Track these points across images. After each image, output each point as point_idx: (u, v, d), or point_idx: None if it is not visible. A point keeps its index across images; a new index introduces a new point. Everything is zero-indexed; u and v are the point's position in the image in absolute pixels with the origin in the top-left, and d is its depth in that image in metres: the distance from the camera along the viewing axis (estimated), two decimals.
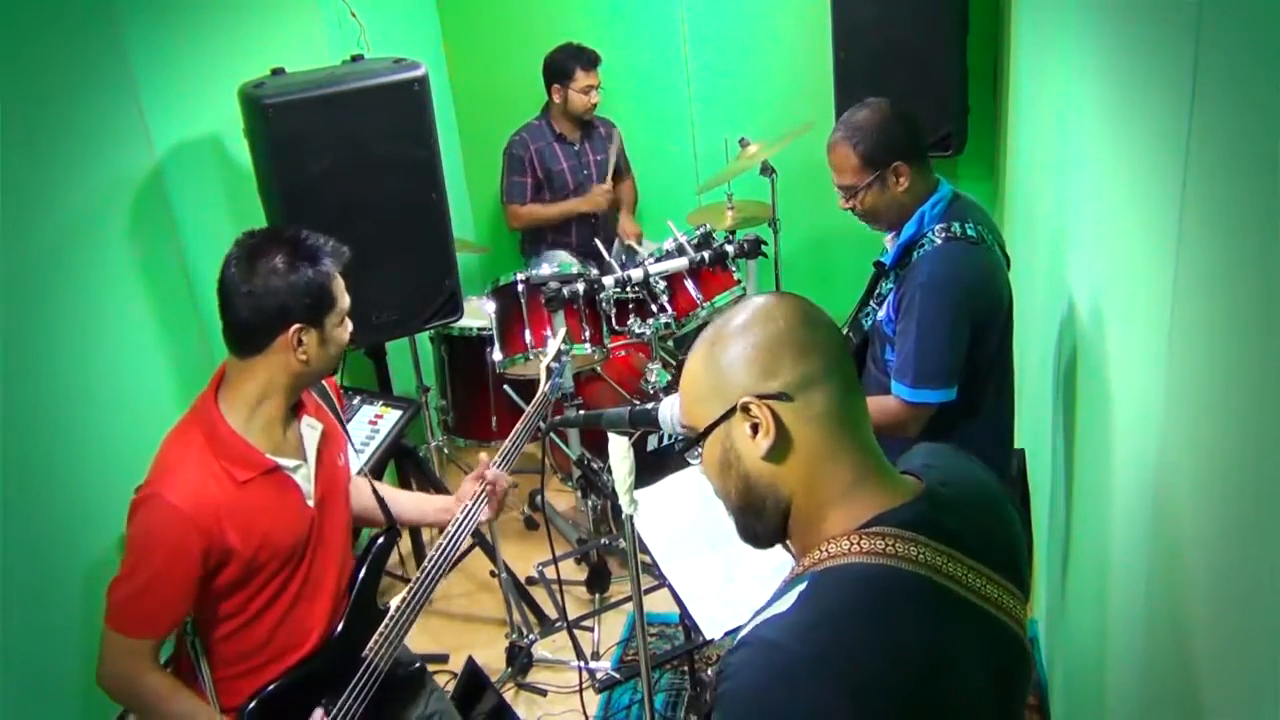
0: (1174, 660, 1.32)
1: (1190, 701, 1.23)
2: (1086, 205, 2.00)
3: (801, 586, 1.12)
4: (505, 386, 3.61)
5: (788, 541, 1.23)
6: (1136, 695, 1.56)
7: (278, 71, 2.91)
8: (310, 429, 1.98)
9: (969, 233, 2.21)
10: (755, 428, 1.14)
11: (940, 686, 1.09)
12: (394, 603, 2.06)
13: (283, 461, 1.89)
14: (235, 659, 1.92)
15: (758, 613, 1.16)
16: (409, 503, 2.34)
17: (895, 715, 1.06)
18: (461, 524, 2.15)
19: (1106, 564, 1.80)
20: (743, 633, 1.14)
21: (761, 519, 1.20)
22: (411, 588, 2.06)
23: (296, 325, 1.82)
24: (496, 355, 3.49)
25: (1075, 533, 2.20)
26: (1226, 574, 1.12)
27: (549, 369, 2.45)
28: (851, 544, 1.11)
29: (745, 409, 1.14)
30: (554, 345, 2.53)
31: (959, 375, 2.18)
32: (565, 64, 4.25)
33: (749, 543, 1.25)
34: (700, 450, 1.22)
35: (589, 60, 4.24)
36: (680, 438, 1.24)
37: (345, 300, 1.92)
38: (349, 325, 1.95)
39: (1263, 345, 0.96)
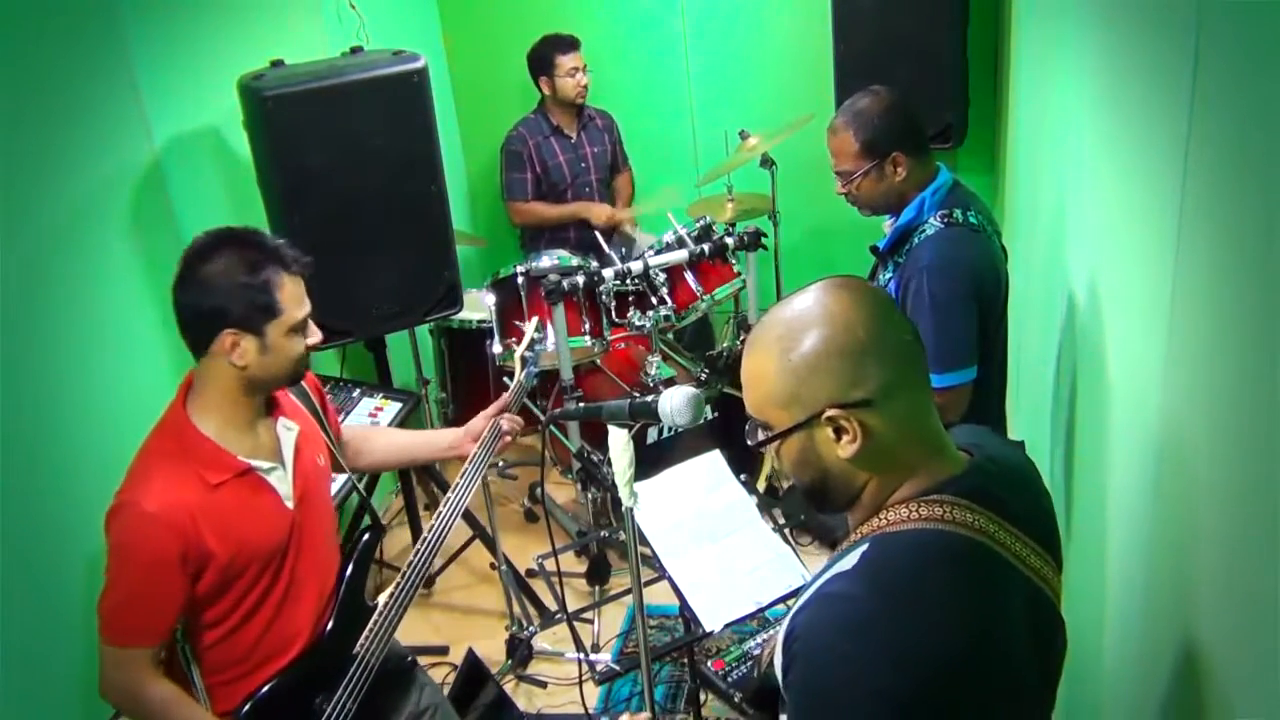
0: (1171, 648, 1.32)
1: (1188, 690, 1.23)
2: (1087, 196, 2.00)
3: (864, 547, 1.17)
4: (505, 379, 3.61)
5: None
6: (1135, 682, 1.56)
7: (277, 63, 2.91)
8: (286, 430, 1.96)
9: (970, 220, 2.21)
10: (838, 432, 1.17)
11: (995, 645, 1.14)
12: (382, 598, 2.05)
13: (256, 463, 1.87)
14: (224, 665, 1.90)
15: (819, 574, 1.21)
16: (414, 442, 2.41)
17: (963, 666, 1.10)
18: (477, 465, 2.21)
19: (1105, 556, 1.80)
20: (807, 595, 1.19)
21: (833, 501, 1.24)
22: (399, 582, 2.06)
23: (228, 330, 1.78)
24: (496, 348, 3.49)
25: (1075, 524, 2.20)
26: (1224, 565, 1.13)
27: (523, 358, 2.47)
28: (910, 511, 1.17)
29: (830, 418, 1.16)
30: (527, 334, 2.54)
31: (976, 353, 2.20)
32: (545, 54, 4.27)
33: (813, 509, 1.29)
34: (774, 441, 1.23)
35: (567, 44, 4.25)
36: (754, 431, 1.24)
37: (298, 311, 1.85)
38: (311, 336, 1.90)
39: (1262, 335, 0.96)
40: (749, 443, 1.26)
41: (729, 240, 3.58)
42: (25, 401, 2.23)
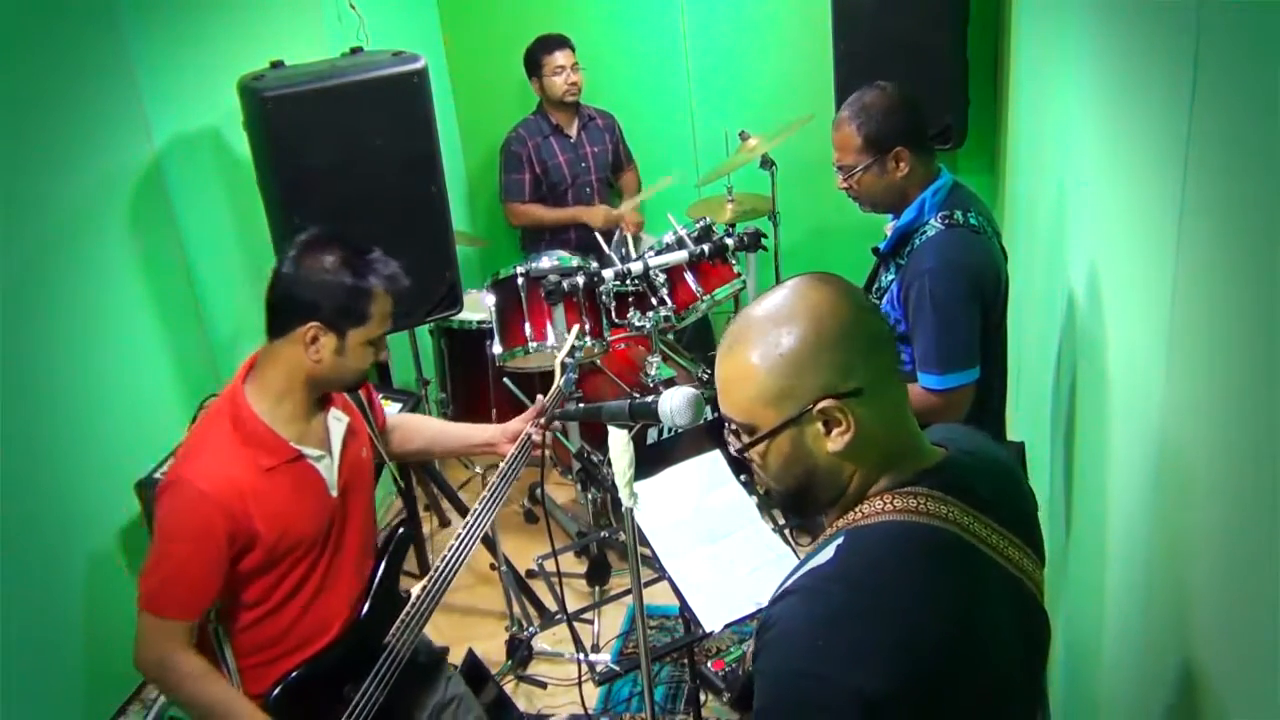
0: (1170, 649, 1.32)
1: (1186, 690, 1.23)
2: (1087, 196, 2.00)
3: (839, 540, 1.16)
4: (505, 379, 3.61)
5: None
6: (1133, 682, 1.56)
7: (277, 64, 2.90)
8: (337, 421, 2.02)
9: (971, 221, 2.22)
10: (828, 425, 1.16)
11: (975, 639, 1.14)
12: (415, 590, 2.09)
13: (307, 451, 1.93)
14: (258, 648, 1.94)
15: (796, 568, 1.20)
16: (454, 433, 2.49)
17: (938, 661, 1.10)
18: (512, 465, 2.28)
19: (1106, 557, 1.80)
20: (783, 586, 1.18)
21: (817, 499, 1.23)
22: (432, 575, 2.10)
23: (315, 323, 1.85)
24: (496, 348, 3.49)
25: (1075, 524, 2.20)
26: (1223, 566, 1.13)
27: (563, 364, 2.47)
28: (885, 503, 1.17)
29: (823, 410, 1.15)
30: (568, 341, 2.57)
31: (979, 354, 2.20)
32: (534, 55, 4.29)
33: (789, 514, 1.28)
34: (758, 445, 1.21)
35: (554, 43, 4.26)
36: (737, 435, 1.23)
37: (380, 327, 1.94)
38: (380, 352, 1.98)
39: (1262, 334, 0.96)
40: (732, 451, 1.24)
41: (729, 241, 3.58)
42: (25, 401, 2.23)
